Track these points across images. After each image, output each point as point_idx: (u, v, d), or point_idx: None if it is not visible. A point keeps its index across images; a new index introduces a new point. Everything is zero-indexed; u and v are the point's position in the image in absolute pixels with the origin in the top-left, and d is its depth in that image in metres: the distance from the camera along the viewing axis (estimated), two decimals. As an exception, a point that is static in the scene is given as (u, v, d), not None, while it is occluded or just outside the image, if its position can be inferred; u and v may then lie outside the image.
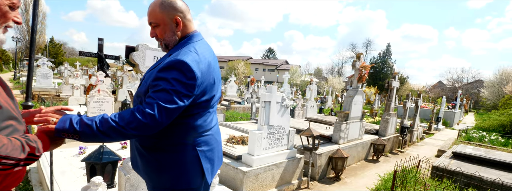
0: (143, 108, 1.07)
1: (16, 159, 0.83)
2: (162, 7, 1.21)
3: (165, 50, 1.31)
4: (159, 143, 1.24)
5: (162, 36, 1.25)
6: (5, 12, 0.92)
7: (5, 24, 0.93)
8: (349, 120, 5.09)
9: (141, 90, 1.20)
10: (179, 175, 1.26)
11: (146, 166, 1.29)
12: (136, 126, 1.05)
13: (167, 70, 1.11)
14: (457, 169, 3.89)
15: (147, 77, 1.22)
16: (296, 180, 3.69)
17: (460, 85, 34.24)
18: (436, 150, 6.81)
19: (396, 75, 7.01)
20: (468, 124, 13.02)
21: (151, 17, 1.23)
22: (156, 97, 1.08)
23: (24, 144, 0.87)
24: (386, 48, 37.49)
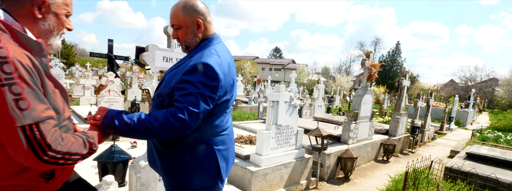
0: (175, 112, 1.12)
1: (81, 154, 0.95)
2: (185, 10, 1.25)
3: (186, 51, 1.36)
4: (179, 142, 1.28)
5: (183, 38, 1.30)
6: (63, 21, 1.02)
7: (61, 31, 1.04)
8: (358, 119, 5.01)
9: (164, 91, 1.24)
10: (197, 173, 1.30)
11: (165, 164, 1.33)
12: (168, 129, 1.12)
13: (192, 73, 1.16)
14: (472, 170, 3.77)
15: (169, 78, 1.26)
16: (304, 181, 3.66)
17: (474, 84, 33.35)
18: (449, 150, 6.65)
19: (406, 74, 6.87)
20: (482, 124, 12.66)
21: (173, 19, 1.27)
22: (184, 101, 1.14)
23: (85, 140, 0.99)
24: (396, 46, 36.89)
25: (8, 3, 0.91)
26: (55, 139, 0.86)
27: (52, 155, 0.85)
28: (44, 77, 0.91)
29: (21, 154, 0.82)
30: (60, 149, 0.86)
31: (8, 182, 0.91)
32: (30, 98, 0.82)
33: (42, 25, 0.97)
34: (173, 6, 1.28)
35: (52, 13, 0.97)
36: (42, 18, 0.96)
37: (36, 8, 0.93)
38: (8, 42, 0.83)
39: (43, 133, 0.83)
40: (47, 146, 0.83)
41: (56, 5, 0.97)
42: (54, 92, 0.96)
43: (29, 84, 0.82)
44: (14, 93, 0.79)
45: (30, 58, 0.87)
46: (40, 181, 0.97)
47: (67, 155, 0.89)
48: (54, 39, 1.02)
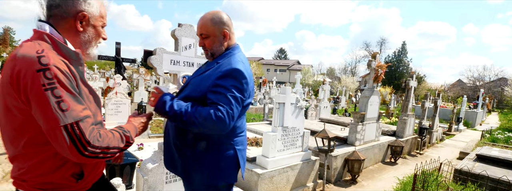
0: (216, 112, 1.23)
1: (119, 148, 1.03)
2: (214, 21, 1.39)
3: (210, 58, 1.48)
4: (204, 143, 1.37)
5: (210, 46, 1.42)
6: (99, 32, 1.13)
7: (98, 41, 1.15)
8: (365, 121, 4.97)
9: (195, 95, 1.36)
10: (220, 172, 1.40)
11: (188, 165, 1.40)
12: (210, 126, 1.24)
13: (226, 77, 1.29)
14: (483, 172, 3.70)
15: (197, 82, 1.38)
16: (311, 183, 3.63)
17: (482, 84, 32.73)
18: (458, 152, 6.53)
19: (413, 74, 6.78)
20: (491, 125, 12.42)
21: (202, 29, 1.40)
22: (223, 103, 1.25)
23: (122, 135, 1.06)
24: (401, 47, 36.50)
25: (54, 18, 1.02)
26: (93, 135, 0.94)
27: (91, 150, 0.94)
28: (79, 82, 1.00)
29: (66, 150, 0.91)
30: (99, 144, 0.95)
31: (47, 179, 1.00)
32: (70, 100, 0.91)
33: (82, 37, 1.08)
34: (202, 18, 1.40)
35: (91, 26, 1.09)
36: (83, 30, 1.07)
37: (78, 22, 1.05)
38: (50, 51, 0.94)
39: (82, 130, 0.92)
40: (86, 142, 0.92)
41: (94, 18, 1.08)
42: (88, 97, 1.05)
43: (68, 88, 0.92)
44: (56, 96, 0.89)
45: (67, 64, 0.96)
46: (71, 181, 1.05)
47: (106, 149, 0.98)
48: (92, 49, 1.14)
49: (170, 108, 1.26)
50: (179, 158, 1.42)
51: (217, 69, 1.34)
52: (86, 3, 1.04)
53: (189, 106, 1.26)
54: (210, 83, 1.30)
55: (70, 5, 1.01)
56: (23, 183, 1.03)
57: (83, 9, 1.04)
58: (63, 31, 1.03)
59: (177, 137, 1.42)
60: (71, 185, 1.05)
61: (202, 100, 1.33)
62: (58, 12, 1.01)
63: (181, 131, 1.40)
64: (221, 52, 1.44)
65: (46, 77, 0.87)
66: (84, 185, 1.10)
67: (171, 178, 2.28)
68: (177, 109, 1.25)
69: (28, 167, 1.00)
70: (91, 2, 1.06)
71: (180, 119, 1.25)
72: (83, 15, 1.04)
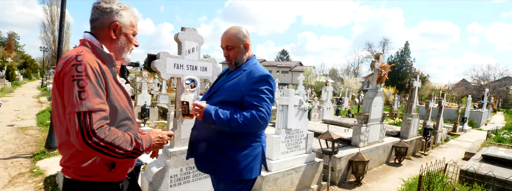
0: (258, 113, 1.46)
1: (125, 150, 1.09)
2: (238, 35, 1.62)
3: (233, 67, 1.68)
4: (239, 141, 1.56)
5: (234, 56, 1.63)
6: (131, 39, 1.31)
7: (131, 47, 1.32)
8: (369, 122, 4.94)
9: (233, 100, 1.54)
10: (252, 167, 1.59)
11: (224, 163, 1.55)
12: (255, 126, 1.46)
13: (260, 82, 1.52)
14: (489, 173, 3.65)
15: (230, 87, 1.56)
16: (315, 185, 3.62)
17: (487, 83, 32.41)
18: (463, 152, 6.47)
19: (417, 75, 6.74)
20: (497, 124, 12.28)
21: (228, 42, 1.61)
22: (262, 105, 1.48)
23: (133, 139, 1.13)
24: (404, 47, 36.35)
25: (94, 29, 1.23)
26: (100, 127, 1.03)
27: (95, 141, 1.01)
28: (109, 81, 1.15)
29: (74, 134, 1.01)
30: (104, 137, 1.03)
31: (88, 166, 1.14)
32: (90, 92, 1.04)
33: (116, 44, 1.26)
34: (227, 32, 1.62)
35: (123, 34, 1.26)
36: (116, 38, 1.25)
37: (112, 31, 1.23)
38: (87, 53, 1.12)
39: (92, 120, 1.02)
40: (92, 131, 1.01)
41: (125, 27, 1.26)
42: (119, 95, 1.20)
43: (92, 82, 1.05)
44: (79, 86, 1.03)
45: (100, 64, 1.13)
46: (105, 169, 1.18)
47: (111, 146, 1.05)
48: (125, 54, 1.31)
49: (217, 117, 1.44)
50: (214, 157, 1.57)
51: (249, 75, 1.55)
52: (118, 15, 1.22)
53: (231, 112, 1.46)
54: (246, 88, 1.51)
55: (105, 18, 1.21)
56: (67, 170, 1.18)
57: (116, 20, 1.22)
58: (101, 39, 1.23)
59: (214, 138, 1.57)
60: (105, 174, 1.18)
61: (239, 103, 1.53)
62: (97, 24, 1.22)
63: (218, 133, 1.55)
64: (243, 61, 1.66)
65: (77, 70, 1.04)
66: (116, 175, 1.23)
67: (175, 181, 2.28)
68: (224, 118, 1.44)
69: (69, 155, 1.15)
70: (122, 14, 1.24)
71: (227, 125, 1.44)
72: (115, 25, 1.22)
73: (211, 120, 1.44)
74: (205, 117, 1.45)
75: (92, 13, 1.23)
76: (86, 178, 1.16)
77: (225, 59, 1.67)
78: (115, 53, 1.27)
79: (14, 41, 41.98)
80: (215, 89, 1.64)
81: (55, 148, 4.77)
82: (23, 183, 3.54)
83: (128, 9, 1.27)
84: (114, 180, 1.24)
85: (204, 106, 1.48)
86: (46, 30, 32.23)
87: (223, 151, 1.55)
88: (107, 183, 1.21)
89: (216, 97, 1.59)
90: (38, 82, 26.16)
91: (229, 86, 1.57)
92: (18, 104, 11.10)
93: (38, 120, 7.75)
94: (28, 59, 41.41)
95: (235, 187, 1.60)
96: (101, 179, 1.18)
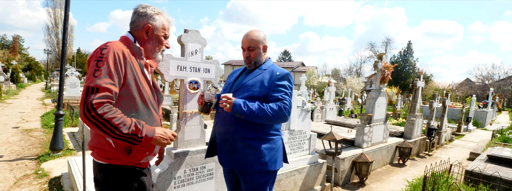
0: (283, 106, 1.62)
1: (121, 132, 1.14)
2: (259, 38, 1.78)
3: (252, 66, 1.82)
4: (263, 135, 1.70)
5: (255, 57, 1.79)
6: (162, 41, 1.43)
7: (162, 49, 1.44)
8: (372, 122, 4.92)
9: (258, 95, 1.68)
10: (276, 158, 1.74)
11: (250, 155, 1.68)
12: (280, 116, 1.62)
13: (283, 79, 1.72)
14: (495, 174, 3.62)
15: (253, 83, 1.72)
16: (318, 186, 3.61)
17: (491, 82, 32.09)
18: (468, 152, 6.41)
19: (420, 75, 6.70)
20: (502, 124, 12.16)
21: (250, 43, 1.77)
22: (284, 98, 1.66)
23: (132, 124, 1.19)
24: (407, 46, 36.11)
25: (132, 30, 1.38)
26: (101, 104, 1.11)
27: (93, 115, 1.10)
28: (133, 70, 1.27)
29: (80, 106, 1.14)
30: (102, 113, 1.10)
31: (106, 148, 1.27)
32: (103, 72, 1.15)
33: (148, 44, 1.39)
34: (249, 34, 1.78)
35: (154, 36, 1.38)
36: (148, 39, 1.38)
37: (144, 33, 1.37)
38: (119, 43, 1.28)
39: (95, 96, 1.12)
40: (91, 106, 1.10)
41: (157, 29, 1.38)
42: (142, 85, 1.31)
43: (109, 64, 1.17)
44: (97, 66, 1.16)
45: (124, 53, 1.24)
46: (123, 154, 1.28)
47: (107, 123, 1.11)
48: (156, 54, 1.43)
49: (247, 108, 1.57)
50: (240, 151, 1.68)
51: (272, 73, 1.74)
52: (152, 18, 1.35)
53: (259, 104, 1.60)
54: (270, 84, 1.69)
55: (140, 20, 1.35)
56: (93, 152, 1.31)
57: (149, 23, 1.35)
58: (137, 38, 1.38)
59: (239, 133, 1.68)
60: (123, 158, 1.29)
61: (263, 98, 1.69)
62: (133, 26, 1.37)
63: (242, 127, 1.67)
64: (262, 62, 1.83)
65: (101, 53, 1.19)
66: (134, 160, 1.33)
67: (179, 183, 2.29)
68: (253, 108, 1.57)
69: (92, 137, 1.30)
70: (155, 17, 1.36)
71: (256, 116, 1.57)
72: (148, 27, 1.35)
73: (241, 110, 1.55)
74: (235, 108, 1.55)
75: (132, 16, 1.38)
76: (107, 160, 1.28)
77: (244, 58, 1.82)
78: (147, 52, 1.40)
79: (18, 44, 42.41)
80: (238, 86, 1.78)
81: (59, 150, 4.81)
82: (28, 184, 3.57)
83: (161, 14, 1.39)
84: (136, 165, 1.34)
85: (233, 98, 1.59)
86: (50, 32, 32.57)
87: (248, 145, 1.67)
88: (129, 167, 1.32)
89: (241, 93, 1.71)
90: (42, 84, 26.39)
91: (254, 83, 1.72)
92: (23, 106, 11.21)
93: (42, 122, 7.82)
94: (32, 62, 41.83)
95: (262, 179, 1.72)
96: (121, 162, 1.29)
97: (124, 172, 1.30)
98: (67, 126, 7.30)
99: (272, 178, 1.79)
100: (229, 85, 1.87)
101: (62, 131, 4.92)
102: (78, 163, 3.40)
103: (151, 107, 1.36)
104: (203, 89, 2.42)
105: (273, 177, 1.79)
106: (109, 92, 1.15)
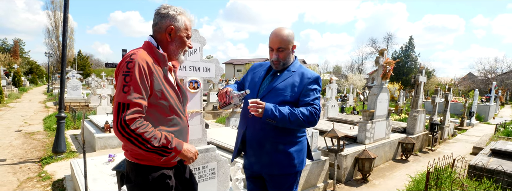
0: (314, 110, 1.62)
1: (152, 145, 1.20)
2: (289, 37, 1.68)
3: (280, 67, 1.73)
4: (292, 138, 1.70)
5: (284, 58, 1.70)
6: (184, 41, 1.42)
7: (184, 49, 1.44)
8: (374, 119, 4.90)
9: (289, 100, 1.65)
10: (303, 159, 1.76)
11: (281, 159, 1.68)
12: (310, 121, 1.60)
13: (313, 83, 1.69)
14: (498, 167, 3.60)
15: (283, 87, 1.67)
16: (321, 183, 3.60)
17: (494, 76, 31.86)
18: (471, 147, 6.38)
19: (422, 70, 6.66)
20: (505, 118, 12.08)
21: (281, 44, 1.66)
22: (315, 103, 1.65)
23: (162, 137, 1.25)
24: (409, 41, 35.90)
25: (155, 32, 1.38)
26: (133, 119, 1.17)
27: (126, 131, 1.16)
28: (157, 79, 1.29)
29: (113, 122, 1.19)
30: (134, 128, 1.16)
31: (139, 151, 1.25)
32: (132, 88, 1.19)
33: (171, 46, 1.39)
34: (279, 34, 1.66)
35: (177, 37, 1.38)
36: (171, 41, 1.38)
37: (167, 34, 1.36)
38: (142, 53, 1.28)
39: (126, 112, 1.16)
40: (124, 122, 1.15)
41: (179, 30, 1.37)
42: (168, 92, 1.33)
43: (137, 78, 1.20)
44: (125, 81, 1.19)
45: (149, 64, 1.26)
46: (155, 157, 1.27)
47: (140, 138, 1.17)
48: (179, 55, 1.43)
49: (279, 113, 1.53)
50: (271, 155, 1.68)
51: (302, 76, 1.69)
52: (174, 19, 1.35)
53: (290, 109, 1.57)
54: (301, 89, 1.66)
55: (163, 22, 1.34)
56: (126, 153, 1.36)
57: (172, 24, 1.35)
58: (159, 41, 1.38)
59: (270, 138, 1.66)
60: (155, 160, 1.32)
61: (294, 102, 1.66)
62: (156, 29, 1.37)
63: (273, 132, 1.65)
64: (290, 62, 1.75)
65: (127, 67, 1.21)
66: (165, 162, 1.35)
67: (181, 182, 2.29)
68: (285, 113, 1.54)
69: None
70: (178, 18, 1.36)
71: (288, 121, 1.54)
72: (171, 29, 1.35)
73: (273, 115, 1.52)
74: (267, 113, 1.52)
75: (154, 18, 1.38)
76: (140, 161, 1.33)
77: (271, 60, 1.72)
78: (170, 54, 1.40)
79: (19, 48, 42.59)
80: (267, 90, 1.70)
81: (61, 152, 4.83)
82: (32, 187, 3.59)
83: (183, 14, 1.38)
84: (164, 166, 1.38)
85: (263, 103, 1.55)
86: (50, 35, 32.64)
87: (281, 149, 1.67)
88: (158, 168, 1.36)
89: (272, 97, 1.66)
90: (44, 88, 26.50)
91: (285, 87, 1.67)
92: (25, 109, 11.26)
93: (45, 125, 7.86)
94: (33, 65, 42.02)
95: (290, 180, 1.74)
96: (152, 163, 1.34)
97: (153, 172, 1.36)
98: (70, 129, 7.33)
99: (298, 177, 1.80)
100: (254, 86, 1.77)
101: (64, 133, 4.93)
102: (81, 165, 3.41)
103: (178, 110, 1.40)
104: (203, 88, 2.41)
105: (299, 177, 1.81)
106: (140, 107, 1.20)
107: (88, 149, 5.48)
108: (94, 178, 3.12)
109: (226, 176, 2.63)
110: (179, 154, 1.32)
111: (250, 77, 1.85)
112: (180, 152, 1.31)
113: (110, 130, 5.64)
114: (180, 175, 1.52)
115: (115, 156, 3.76)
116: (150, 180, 1.34)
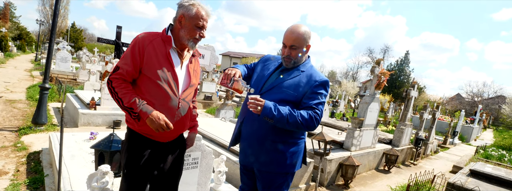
0: (315, 115, 1.55)
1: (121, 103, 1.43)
2: (305, 36, 1.61)
3: (290, 65, 1.68)
4: (289, 138, 1.66)
5: (296, 56, 1.65)
6: (191, 29, 1.51)
7: (193, 37, 1.52)
8: (363, 127, 4.92)
9: (291, 99, 1.60)
10: (297, 161, 1.73)
11: (275, 158, 1.65)
12: (309, 126, 1.54)
13: (320, 87, 1.62)
14: (475, 188, 3.67)
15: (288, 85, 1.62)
16: (303, 185, 3.59)
17: (480, 100, 32.86)
18: (451, 165, 6.53)
19: (415, 84, 6.73)
20: (486, 141, 12.46)
21: (294, 42, 1.60)
22: (318, 108, 1.58)
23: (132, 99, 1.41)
24: (405, 56, 36.42)
25: (173, 19, 1.56)
26: (115, 78, 1.45)
27: (109, 87, 1.46)
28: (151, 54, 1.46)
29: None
30: (114, 86, 1.44)
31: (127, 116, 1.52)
32: (124, 57, 1.48)
33: (181, 32, 1.52)
34: (294, 31, 1.60)
35: (186, 24, 1.50)
36: (181, 27, 1.51)
37: (179, 22, 1.51)
38: (147, 34, 1.51)
39: (113, 72, 1.46)
40: (109, 80, 1.46)
41: (189, 18, 1.49)
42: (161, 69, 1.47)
43: (130, 51, 1.46)
44: (125, 51, 1.51)
45: (146, 42, 1.47)
46: (135, 120, 1.47)
47: (115, 95, 1.43)
48: (188, 42, 1.53)
49: (278, 112, 1.48)
50: (266, 153, 1.65)
51: (310, 78, 1.63)
52: (185, 8, 1.49)
53: (291, 110, 1.52)
54: (307, 90, 1.60)
55: (178, 12, 1.52)
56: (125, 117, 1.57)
57: (182, 12, 1.49)
58: (174, 29, 1.55)
59: (267, 136, 1.63)
60: (135, 125, 1.51)
61: (296, 103, 1.61)
62: (174, 17, 1.55)
63: (271, 131, 1.62)
64: (302, 62, 1.70)
65: (132, 42, 1.49)
66: (143, 129, 1.50)
67: (162, 169, 2.21)
68: (284, 113, 1.49)
69: None
70: (190, 7, 1.48)
71: (285, 121, 1.49)
72: (181, 16, 1.50)
73: (271, 114, 1.47)
74: (265, 112, 1.47)
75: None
76: (129, 124, 1.54)
77: (283, 56, 1.67)
78: (179, 39, 1.53)
79: (10, 11, 40.81)
80: (271, 86, 1.66)
81: (42, 124, 4.64)
82: (5, 157, 3.43)
83: (195, 5, 1.49)
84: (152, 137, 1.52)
85: (263, 100, 1.50)
86: (44, 2, 31.46)
87: (275, 148, 1.64)
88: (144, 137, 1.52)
89: (273, 94, 1.62)
90: (32, 56, 25.57)
91: (289, 85, 1.62)
92: (9, 76, 10.83)
93: (27, 94, 7.56)
94: (23, 31, 40.39)
95: (281, 179, 1.72)
96: (134, 128, 1.51)
97: (135, 137, 1.52)
98: (53, 101, 7.08)
99: (290, 179, 1.77)
100: (261, 79, 1.72)
101: (47, 105, 4.75)
102: (58, 139, 3.26)
103: (168, 89, 1.49)
104: None
105: (290, 178, 1.78)
106: (123, 71, 1.44)
107: (70, 124, 5.30)
108: (73, 154, 2.99)
109: (209, 167, 2.56)
110: (147, 119, 1.41)
111: (260, 68, 1.81)
112: (147, 117, 1.41)
113: (95, 107, 5.47)
114: (166, 154, 1.60)
115: (97, 134, 3.63)
116: (128, 141, 1.54)
